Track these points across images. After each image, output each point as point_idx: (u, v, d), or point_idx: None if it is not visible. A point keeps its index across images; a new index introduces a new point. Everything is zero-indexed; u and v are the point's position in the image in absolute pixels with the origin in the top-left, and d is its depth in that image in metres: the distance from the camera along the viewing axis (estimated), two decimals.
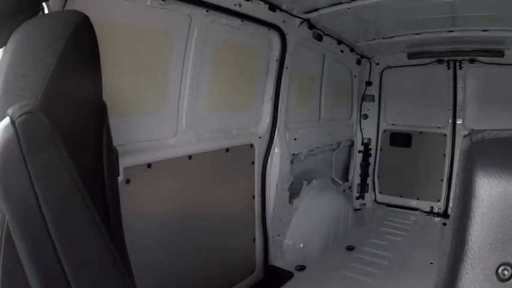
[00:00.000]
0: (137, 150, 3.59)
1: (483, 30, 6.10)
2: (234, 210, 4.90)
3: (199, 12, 3.94)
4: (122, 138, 3.39)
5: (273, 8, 4.82)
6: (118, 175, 2.90)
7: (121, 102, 3.34)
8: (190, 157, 4.15)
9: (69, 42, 1.65)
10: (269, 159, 5.38)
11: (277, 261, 5.64)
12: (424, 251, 6.46)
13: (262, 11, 4.69)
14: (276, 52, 5.27)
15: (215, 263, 4.50)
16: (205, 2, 3.89)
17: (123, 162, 3.31)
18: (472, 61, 7.90)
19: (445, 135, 8.32)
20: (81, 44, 1.79)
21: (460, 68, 8.07)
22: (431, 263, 5.97)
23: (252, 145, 5.14)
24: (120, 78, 3.37)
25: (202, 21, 4.04)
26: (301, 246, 5.89)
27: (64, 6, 2.60)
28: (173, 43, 3.90)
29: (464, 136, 1.34)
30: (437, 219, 8.16)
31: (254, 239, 5.31)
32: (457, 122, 8.20)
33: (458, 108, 8.19)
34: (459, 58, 8.00)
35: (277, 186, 5.49)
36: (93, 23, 1.86)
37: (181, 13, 3.85)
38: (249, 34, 4.76)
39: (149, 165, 3.69)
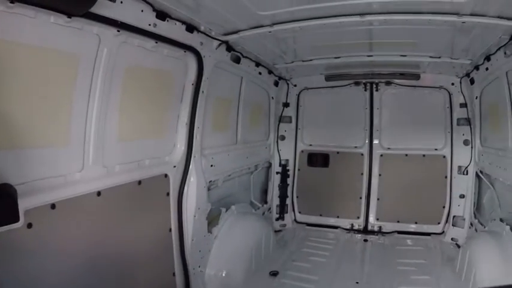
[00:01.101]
0: (39, 189, 3.15)
1: (401, 56, 6.38)
2: (150, 245, 4.52)
3: (109, 31, 3.56)
4: (21, 175, 2.98)
5: (190, 29, 4.56)
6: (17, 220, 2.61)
7: (18, 134, 2.94)
8: (99, 193, 3.74)
9: None
10: (185, 189, 5.06)
11: None
12: (348, 270, 6.52)
13: (178, 32, 4.40)
14: (191, 76, 4.99)
15: None
16: (117, 21, 3.51)
17: (23, 204, 2.90)
18: (388, 83, 8.30)
19: (362, 154, 8.58)
20: None
21: (377, 90, 8.45)
22: (357, 283, 6.04)
23: (166, 175, 4.78)
24: (15, 106, 2.92)
25: (113, 42, 3.65)
26: (223, 275, 5.63)
27: None
28: (79, 66, 3.47)
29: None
30: (358, 235, 8.33)
31: (174, 274, 4.96)
32: (374, 142, 8.52)
33: (374, 129, 8.51)
34: (376, 80, 8.36)
35: (194, 216, 5.18)
36: None
37: (89, 32, 3.44)
38: (163, 56, 4.43)
39: (53, 206, 3.26)
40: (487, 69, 6.09)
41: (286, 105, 8.77)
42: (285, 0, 4.23)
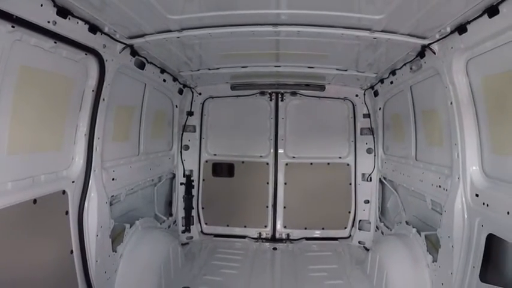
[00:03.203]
0: None
1: (309, 67, 6.53)
2: (51, 271, 4.01)
3: (2, 27, 3.08)
4: None
5: (93, 29, 4.17)
6: None
7: None
8: None
9: None
10: (85, 206, 4.58)
11: None
12: (260, 281, 6.46)
13: (80, 32, 3.99)
14: (92, 81, 4.56)
15: None
16: (12, 15, 3.05)
17: None
18: (294, 94, 8.53)
19: (267, 163, 8.64)
20: None
21: (282, 100, 8.61)
22: None
23: (64, 192, 4.27)
24: None
25: (5, 39, 3.16)
26: None
27: None
28: None
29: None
30: (266, 244, 8.37)
31: None
32: (279, 151, 8.66)
33: (279, 138, 8.65)
34: (281, 91, 8.53)
35: (97, 235, 4.73)
36: None
37: None
38: (62, 59, 3.97)
39: None
40: (391, 82, 6.50)
41: (190, 113, 8.58)
42: (196, 4, 4.07)
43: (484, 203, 3.92)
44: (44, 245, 3.91)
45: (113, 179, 5.34)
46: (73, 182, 4.42)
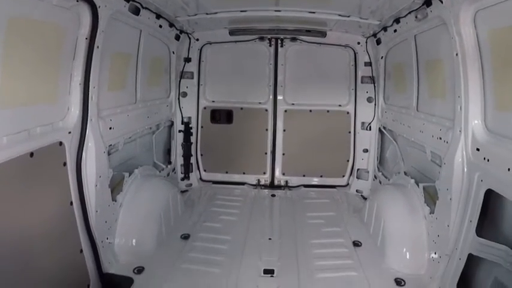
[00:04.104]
0: None
1: (310, 12, 6.26)
2: (51, 223, 4.01)
3: None
4: None
5: None
6: None
7: None
8: None
9: None
10: (83, 156, 4.54)
11: (111, 267, 5.02)
12: (259, 227, 6.56)
13: None
14: (85, 29, 4.35)
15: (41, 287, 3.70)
16: None
17: None
18: (294, 39, 8.29)
19: (266, 110, 8.58)
20: None
21: (282, 46, 8.42)
22: (269, 239, 6.11)
23: (61, 143, 4.20)
24: None
25: None
26: (133, 244, 5.37)
27: None
28: None
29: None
30: (265, 191, 8.47)
31: (81, 250, 4.52)
32: (278, 98, 8.56)
33: (279, 84, 8.52)
34: (281, 36, 8.28)
35: (96, 185, 4.73)
36: None
37: None
38: (52, 7, 3.75)
39: None
40: (395, 31, 6.29)
41: (187, 60, 8.38)
42: None
43: (484, 158, 3.89)
44: (43, 198, 3.89)
45: (110, 128, 5.27)
46: (69, 132, 4.34)
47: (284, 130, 8.57)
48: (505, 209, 3.86)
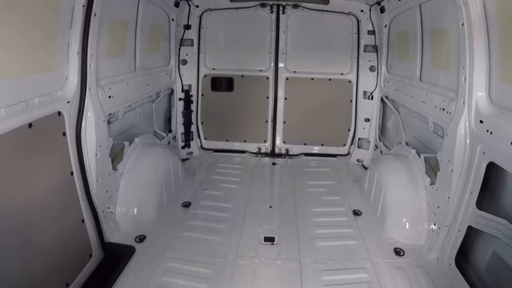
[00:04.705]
0: None
1: None
2: (51, 194, 4.00)
3: None
4: None
5: None
6: None
7: None
8: None
9: None
10: (82, 125, 4.50)
11: (113, 236, 5.08)
12: (260, 195, 6.61)
13: None
14: None
15: (43, 259, 3.74)
16: None
17: None
18: (296, 6, 8.11)
19: (267, 78, 8.48)
20: None
21: (284, 13, 8.24)
22: (270, 207, 6.17)
23: (60, 113, 4.15)
24: None
25: None
26: (135, 212, 5.40)
27: None
28: None
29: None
30: (266, 159, 8.49)
31: (83, 220, 4.55)
32: (279, 65, 8.44)
33: (280, 52, 8.39)
34: (283, 3, 8.06)
35: (96, 155, 4.72)
36: None
37: None
38: None
39: None
40: None
41: (187, 27, 8.21)
42: None
43: (487, 131, 3.85)
44: (43, 168, 3.88)
45: (110, 97, 5.21)
46: (68, 102, 4.28)
47: (285, 98, 8.50)
48: (506, 183, 3.84)
